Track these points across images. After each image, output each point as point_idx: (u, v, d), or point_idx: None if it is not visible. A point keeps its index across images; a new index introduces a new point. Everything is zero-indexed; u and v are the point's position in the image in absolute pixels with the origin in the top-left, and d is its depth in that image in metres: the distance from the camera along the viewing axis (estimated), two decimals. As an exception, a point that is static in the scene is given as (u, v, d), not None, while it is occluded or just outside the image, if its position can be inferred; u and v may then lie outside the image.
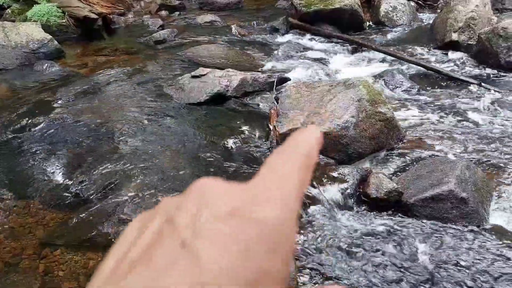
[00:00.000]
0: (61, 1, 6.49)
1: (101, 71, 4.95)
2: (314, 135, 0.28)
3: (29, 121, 3.78)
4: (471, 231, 2.48)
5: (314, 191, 2.75)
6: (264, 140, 3.46)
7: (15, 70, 5.21)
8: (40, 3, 6.35)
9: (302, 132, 0.28)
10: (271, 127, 3.56)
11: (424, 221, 2.54)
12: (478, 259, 2.28)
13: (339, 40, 6.02)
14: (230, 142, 3.37)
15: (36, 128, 3.68)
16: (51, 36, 5.59)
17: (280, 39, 6.27)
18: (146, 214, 0.26)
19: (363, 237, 2.45)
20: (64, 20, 6.36)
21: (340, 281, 2.16)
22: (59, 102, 4.17)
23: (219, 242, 0.21)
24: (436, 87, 4.58)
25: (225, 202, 0.23)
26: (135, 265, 0.22)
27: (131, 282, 0.21)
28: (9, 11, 6.68)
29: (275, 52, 5.65)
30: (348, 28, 6.33)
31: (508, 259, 2.29)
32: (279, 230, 0.23)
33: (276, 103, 3.85)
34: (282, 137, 3.27)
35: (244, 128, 3.59)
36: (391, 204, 2.65)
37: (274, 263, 0.22)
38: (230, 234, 0.22)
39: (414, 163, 3.11)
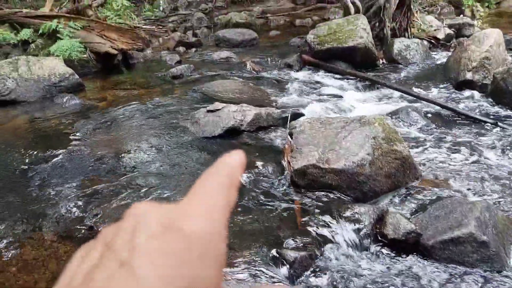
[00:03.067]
0: (83, 37, 6.72)
1: (119, 104, 5.06)
2: (238, 158, 0.30)
3: (47, 152, 3.85)
4: (493, 276, 2.40)
5: (329, 230, 2.71)
6: (278, 175, 3.45)
7: (37, 102, 5.35)
8: (63, 39, 6.58)
9: (228, 156, 0.31)
10: (285, 163, 3.56)
11: (444, 264, 2.47)
12: (501, 306, 2.19)
13: (353, 77, 6.08)
14: (244, 177, 3.37)
15: (54, 159, 3.73)
16: (72, 70, 5.76)
17: (294, 75, 6.36)
18: (88, 244, 0.28)
19: (380, 280, 2.39)
20: (85, 55, 6.57)
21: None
22: (77, 134, 4.25)
23: (154, 256, 0.23)
24: (452, 125, 4.56)
25: (157, 220, 0.25)
26: None
27: None
28: (33, 46, 6.93)
29: (289, 88, 5.72)
30: (361, 66, 6.40)
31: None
32: (207, 240, 0.25)
33: (290, 138, 3.86)
34: (297, 173, 3.26)
35: (258, 162, 3.59)
36: (409, 245, 2.59)
37: (205, 270, 0.24)
38: (163, 248, 0.24)
39: (432, 203, 3.06)
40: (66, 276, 0.26)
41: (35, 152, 3.88)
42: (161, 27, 10.13)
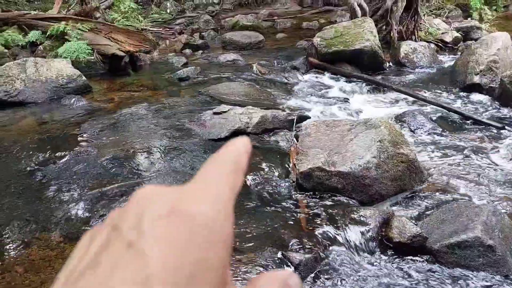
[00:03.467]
0: (90, 39, 6.77)
1: (126, 106, 5.09)
2: (243, 144, 0.31)
3: (54, 154, 3.88)
4: (499, 280, 2.38)
5: (334, 233, 2.71)
6: (283, 178, 3.45)
7: (44, 104, 5.39)
8: (71, 41, 6.63)
9: (233, 142, 0.31)
10: (291, 165, 3.56)
11: (449, 268, 2.46)
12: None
13: (359, 80, 6.07)
14: (250, 179, 3.37)
15: (61, 161, 3.76)
16: (79, 72, 5.80)
17: (300, 78, 6.36)
18: (95, 228, 0.28)
19: (385, 283, 2.38)
20: (92, 57, 6.61)
21: None
22: (85, 135, 4.28)
23: (161, 238, 0.24)
24: (458, 129, 4.53)
25: (164, 203, 0.25)
26: (84, 273, 0.24)
27: (81, 287, 0.23)
28: (41, 48, 7.00)
29: (295, 90, 5.72)
30: (368, 68, 6.39)
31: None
32: (213, 223, 0.25)
33: (296, 141, 3.86)
34: (302, 176, 3.26)
35: (264, 165, 3.59)
36: (415, 249, 2.58)
37: (211, 253, 0.24)
38: (170, 230, 0.24)
39: (438, 206, 3.04)
40: (74, 259, 0.26)
41: (43, 153, 3.91)
42: (168, 29, 10.19)
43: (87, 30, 6.92)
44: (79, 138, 4.22)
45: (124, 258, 0.23)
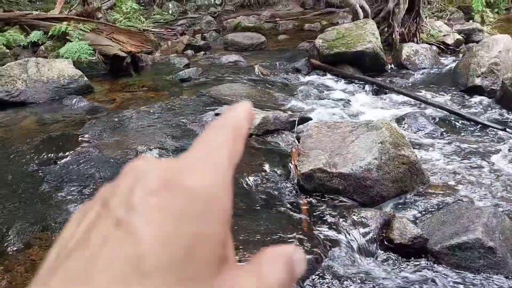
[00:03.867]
0: (92, 39, 6.79)
1: (128, 107, 5.09)
2: (243, 109, 0.29)
3: (56, 154, 3.88)
4: (500, 281, 2.38)
5: (335, 234, 2.71)
6: (285, 179, 3.45)
7: (46, 104, 5.40)
8: (72, 41, 6.65)
9: (233, 107, 0.29)
10: (292, 166, 3.56)
11: (450, 270, 2.45)
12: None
13: (361, 82, 6.07)
14: (251, 180, 3.37)
15: (62, 161, 3.76)
16: (81, 72, 5.81)
17: (302, 79, 6.37)
18: (85, 204, 0.27)
19: (386, 284, 2.38)
20: (94, 58, 6.63)
21: None
22: (86, 136, 4.28)
23: (153, 214, 0.22)
24: (459, 131, 4.53)
25: (156, 176, 0.24)
26: (71, 252, 0.22)
27: (68, 268, 0.22)
28: (43, 48, 7.01)
29: (297, 91, 5.72)
30: (369, 70, 6.39)
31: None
32: (211, 195, 0.23)
33: (297, 142, 3.86)
34: (304, 177, 3.26)
35: (265, 166, 3.59)
36: (415, 250, 2.58)
37: (208, 225, 0.23)
38: (162, 205, 0.22)
39: (439, 208, 3.04)
40: (63, 238, 0.25)
41: (44, 154, 3.92)
42: (170, 30, 10.21)
43: (88, 31, 6.94)
44: (81, 139, 4.22)
45: (113, 237, 0.22)
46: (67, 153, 3.86)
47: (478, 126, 4.58)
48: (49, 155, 3.90)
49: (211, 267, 0.23)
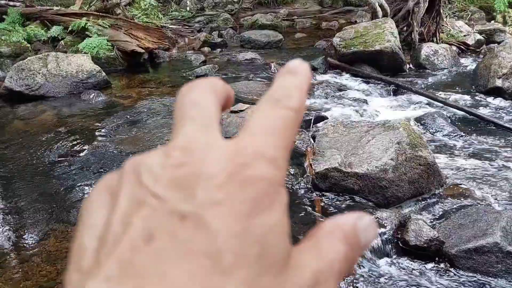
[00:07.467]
0: (111, 35, 6.86)
1: (144, 102, 5.13)
2: (302, 67, 0.27)
3: (73, 147, 3.94)
4: (518, 288, 2.33)
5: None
6: (299, 177, 3.43)
7: (64, 98, 5.48)
8: (91, 37, 6.73)
9: (284, 71, 0.27)
10: (307, 165, 3.54)
11: (466, 274, 2.41)
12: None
13: (378, 82, 6.00)
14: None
15: (80, 154, 3.82)
16: (99, 68, 5.87)
17: (318, 78, 6.32)
18: (110, 178, 0.25)
19: (400, 286, 2.35)
20: (112, 53, 6.70)
21: None
22: (103, 130, 4.33)
23: (223, 208, 0.21)
24: (478, 133, 4.45)
25: (219, 168, 0.22)
26: (119, 244, 0.20)
27: (126, 262, 0.20)
28: (62, 43, 7.11)
29: (313, 90, 5.69)
30: (387, 70, 6.31)
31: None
32: (275, 184, 0.22)
33: (312, 141, 3.84)
34: (318, 176, 3.24)
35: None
36: (431, 253, 2.54)
37: (274, 217, 0.22)
38: (232, 198, 0.21)
39: (456, 210, 2.99)
40: (94, 226, 0.22)
41: (62, 146, 3.98)
42: (187, 27, 10.25)
43: (107, 27, 7.01)
44: (98, 133, 4.27)
45: (182, 231, 0.20)
46: (84, 147, 3.92)
47: (498, 129, 4.49)
48: (66, 148, 3.95)
49: (284, 258, 0.22)
